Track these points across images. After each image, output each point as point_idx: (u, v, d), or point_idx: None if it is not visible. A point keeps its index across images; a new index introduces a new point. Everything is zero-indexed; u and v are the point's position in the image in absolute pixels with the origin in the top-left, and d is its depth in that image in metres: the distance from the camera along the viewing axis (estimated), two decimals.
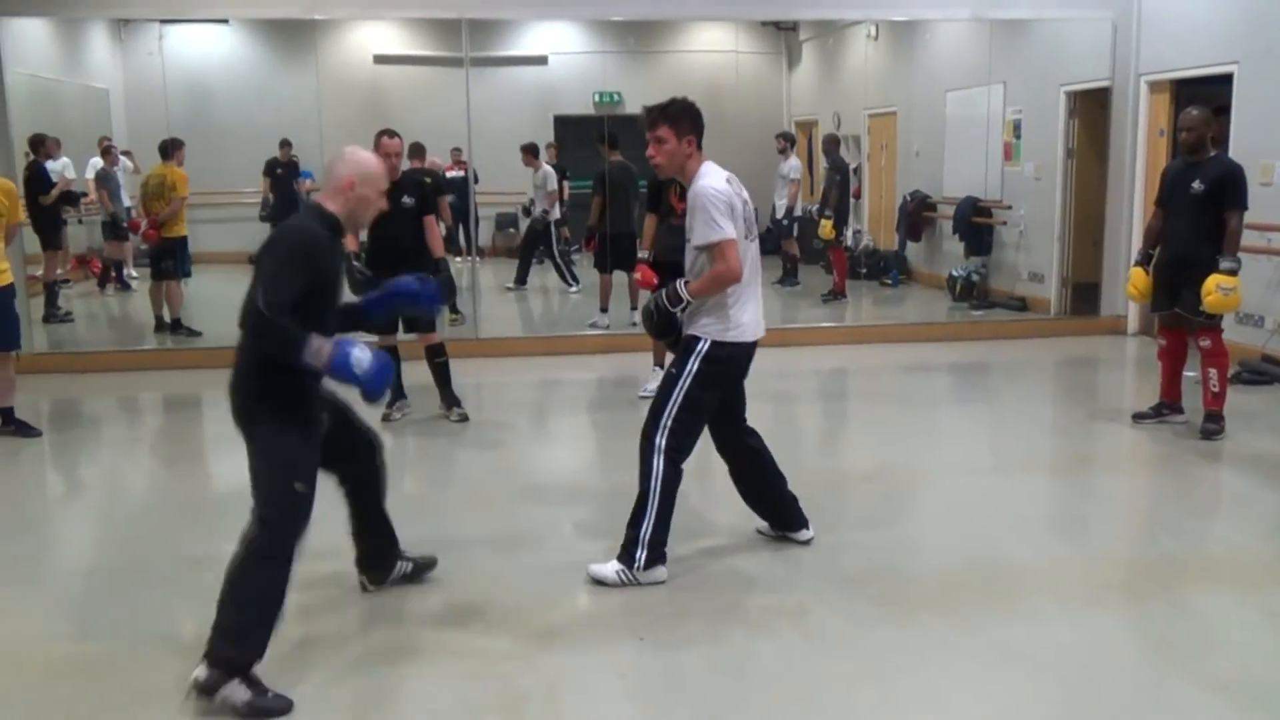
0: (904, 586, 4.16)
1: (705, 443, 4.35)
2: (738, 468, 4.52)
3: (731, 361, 4.18)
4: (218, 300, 11.17)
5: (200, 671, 3.26)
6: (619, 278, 9.66)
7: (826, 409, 7.90)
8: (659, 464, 4.14)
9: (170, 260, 9.30)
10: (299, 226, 3.49)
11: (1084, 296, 10.25)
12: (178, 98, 10.78)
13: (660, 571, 4.16)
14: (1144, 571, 4.31)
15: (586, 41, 14.68)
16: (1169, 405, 6.39)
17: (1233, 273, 5.81)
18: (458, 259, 11.10)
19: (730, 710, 3.27)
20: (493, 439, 6.54)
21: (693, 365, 4.11)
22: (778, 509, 4.56)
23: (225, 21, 12.02)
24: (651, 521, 4.14)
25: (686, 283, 4.14)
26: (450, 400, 6.79)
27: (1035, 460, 6.02)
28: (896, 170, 12.84)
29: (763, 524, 4.63)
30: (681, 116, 4.14)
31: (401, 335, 6.72)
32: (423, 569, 4.27)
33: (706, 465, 4.67)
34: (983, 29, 10.80)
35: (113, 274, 11.73)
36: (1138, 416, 6.53)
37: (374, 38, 13.44)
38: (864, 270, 12.65)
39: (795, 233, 12.36)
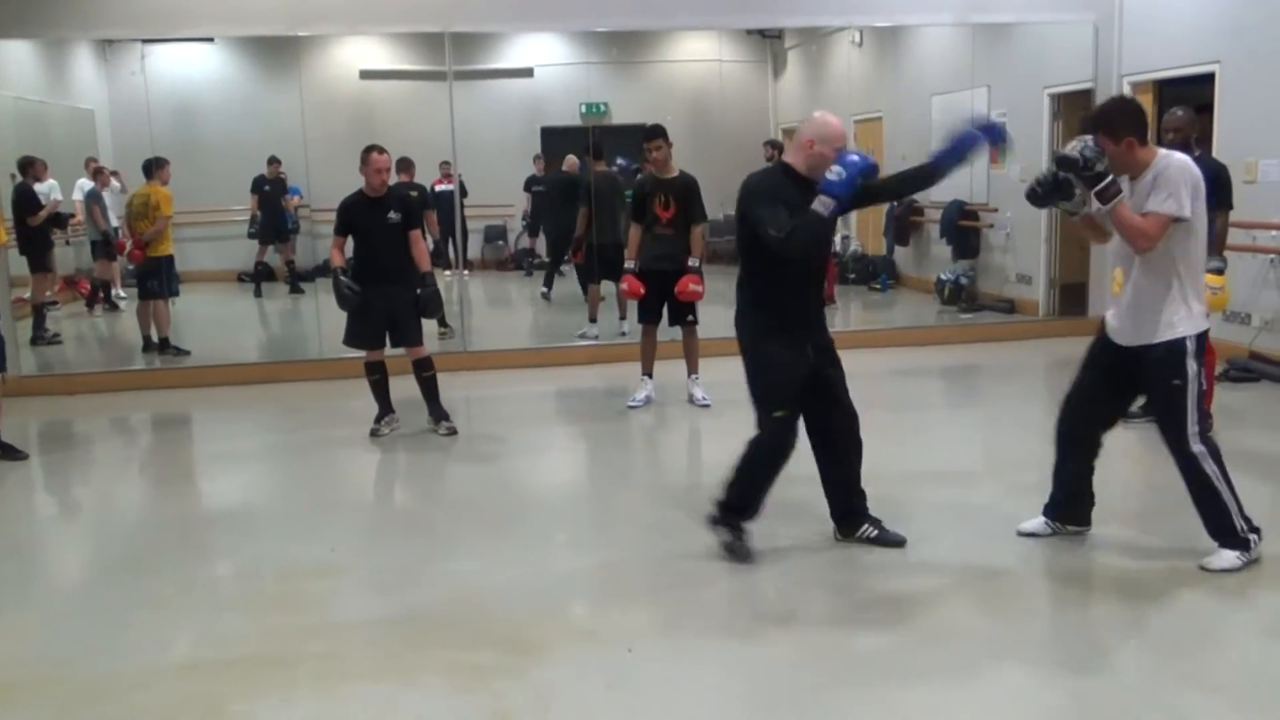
0: (896, 591, 4.15)
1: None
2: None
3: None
4: (206, 319, 11.23)
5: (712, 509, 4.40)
6: (607, 288, 9.67)
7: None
8: (1207, 464, 4.08)
9: (156, 280, 9.28)
10: (759, 178, 4.32)
11: (1072, 297, 10.27)
12: (163, 117, 10.77)
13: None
14: (1136, 570, 4.31)
15: (571, 53, 14.68)
16: None
17: (1219, 272, 5.82)
18: (446, 273, 11.09)
19: (721, 719, 3.27)
20: (482, 452, 6.53)
21: (1193, 367, 4.04)
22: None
23: (210, 40, 12.02)
24: (1231, 502, 4.10)
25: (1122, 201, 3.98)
26: (439, 414, 6.77)
27: (1026, 463, 6.01)
28: (883, 176, 12.84)
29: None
30: (1113, 119, 4.03)
31: (389, 350, 6.71)
32: (889, 541, 4.47)
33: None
34: (966, 33, 10.82)
35: (101, 294, 11.71)
36: (1126, 416, 6.52)
37: (359, 53, 13.45)
38: (852, 275, 12.67)
39: None
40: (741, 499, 4.41)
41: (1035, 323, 10.19)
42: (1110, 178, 3.96)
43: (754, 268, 4.35)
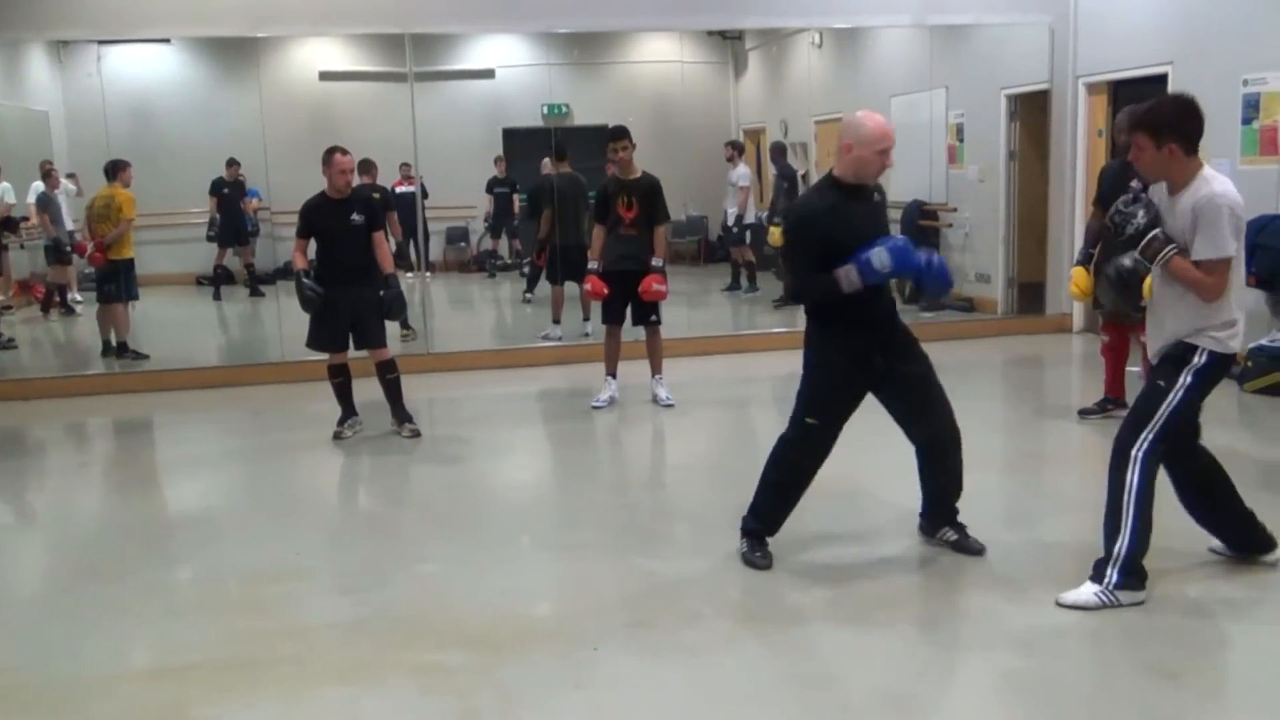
0: (862, 587, 4.19)
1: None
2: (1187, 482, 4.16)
3: (1220, 375, 3.86)
4: (165, 323, 11.12)
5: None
6: (570, 289, 9.67)
7: (782, 414, 7.90)
8: (1132, 475, 3.81)
9: (114, 283, 9.17)
10: (795, 207, 4.37)
11: (1030, 296, 10.40)
12: (119, 118, 10.66)
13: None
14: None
15: (533, 54, 14.67)
16: (1113, 400, 6.49)
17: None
18: (408, 274, 11.04)
19: (687, 717, 3.28)
20: (446, 454, 6.52)
21: (1187, 380, 3.78)
22: (1240, 529, 4.18)
23: (167, 41, 11.91)
24: (1129, 535, 3.81)
25: (1174, 254, 3.72)
26: (402, 416, 6.75)
27: (987, 459, 6.08)
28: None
29: (1217, 544, 4.26)
30: (1159, 120, 3.78)
31: (352, 352, 6.68)
32: (967, 549, 4.37)
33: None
34: (924, 35, 10.92)
35: (56, 298, 11.56)
36: (1084, 412, 6.64)
37: (318, 54, 13.38)
38: None
39: (747, 239, 12.42)
40: (762, 505, 4.38)
41: (994, 321, 10.31)
42: (1152, 234, 3.76)
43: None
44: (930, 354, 4.40)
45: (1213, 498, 4.10)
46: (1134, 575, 3.81)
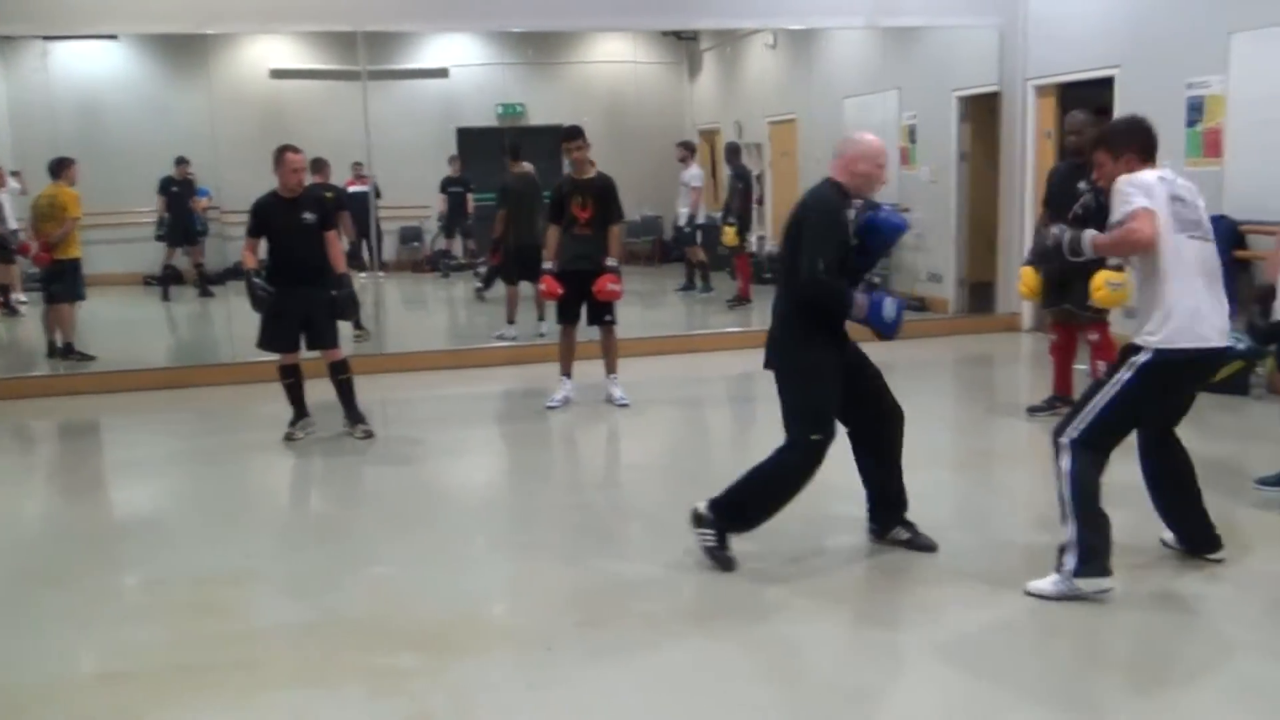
0: (815, 584, 4.22)
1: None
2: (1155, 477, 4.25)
3: (1172, 373, 3.87)
4: (112, 323, 10.93)
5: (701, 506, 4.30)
6: (525, 289, 9.65)
7: (736, 413, 7.98)
8: (1062, 463, 3.89)
9: (60, 284, 9.01)
10: (823, 196, 4.22)
11: (980, 295, 10.53)
12: (66, 116, 10.50)
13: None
14: (1044, 561, 4.42)
15: (487, 53, 14.63)
16: (1061, 398, 6.58)
17: (1120, 269, 6.01)
18: (361, 274, 10.96)
19: (640, 715, 3.29)
20: (399, 455, 6.48)
21: (1125, 375, 3.85)
22: (1191, 526, 4.27)
23: (114, 37, 11.73)
24: (1075, 525, 3.86)
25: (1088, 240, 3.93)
26: (355, 417, 6.70)
27: (938, 457, 6.15)
28: (798, 177, 13.02)
29: (1169, 536, 4.34)
30: (1117, 137, 4.04)
31: (304, 353, 6.63)
32: (919, 546, 4.43)
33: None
34: (876, 36, 11.02)
35: (0, 298, 11.34)
36: (1032, 410, 6.73)
37: (270, 52, 13.23)
38: (768, 275, 12.78)
39: (699, 240, 12.46)
40: (747, 510, 4.29)
41: (945, 320, 10.43)
42: (1067, 236, 4.00)
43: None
44: (881, 353, 4.46)
45: (1182, 493, 4.20)
46: (1092, 562, 3.83)
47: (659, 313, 12.25)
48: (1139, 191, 3.80)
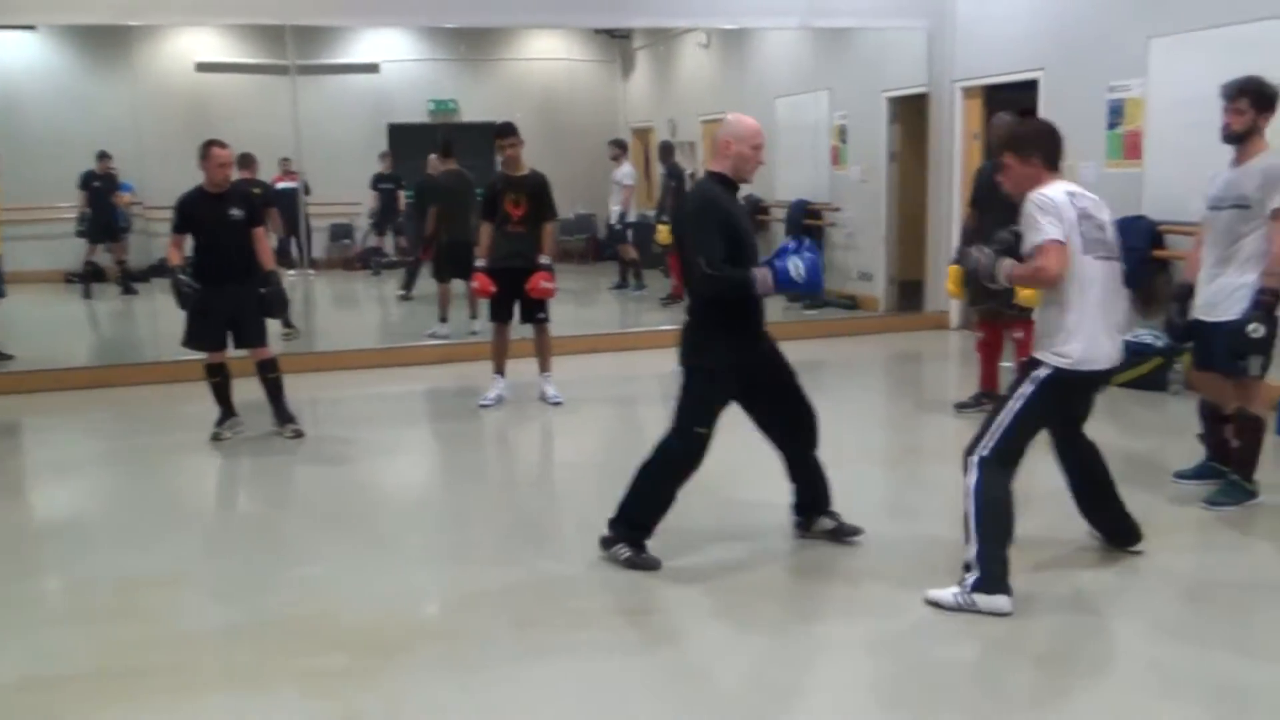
0: (743, 581, 4.25)
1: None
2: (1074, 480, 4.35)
3: (1070, 389, 3.98)
4: (32, 322, 10.66)
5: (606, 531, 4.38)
6: (457, 286, 9.60)
7: (669, 411, 7.99)
8: (969, 479, 3.93)
9: None
10: (698, 192, 4.29)
11: (910, 294, 10.69)
12: None
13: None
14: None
15: (419, 49, 14.52)
16: (988, 394, 6.70)
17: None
18: (290, 271, 10.82)
19: (574, 714, 3.29)
20: (329, 454, 6.40)
21: (1027, 389, 3.93)
22: (1111, 524, 4.37)
23: (32, 28, 11.43)
24: (976, 540, 3.87)
25: (1010, 268, 3.96)
26: (284, 417, 6.62)
27: (868, 452, 6.25)
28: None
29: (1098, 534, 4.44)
30: (1023, 140, 4.07)
31: (231, 351, 6.52)
32: (845, 534, 4.52)
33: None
34: (808, 37, 11.13)
35: None
36: (960, 406, 6.85)
37: (195, 44, 12.99)
38: None
39: (630, 238, 12.49)
40: (641, 512, 4.33)
41: (875, 318, 10.57)
42: (994, 261, 4.02)
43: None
44: (814, 350, 4.52)
45: (1096, 488, 4.31)
46: (991, 581, 3.85)
47: (592, 311, 12.25)
48: (1050, 218, 3.82)
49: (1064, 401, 4.06)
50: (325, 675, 3.53)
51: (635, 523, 4.35)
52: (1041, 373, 3.93)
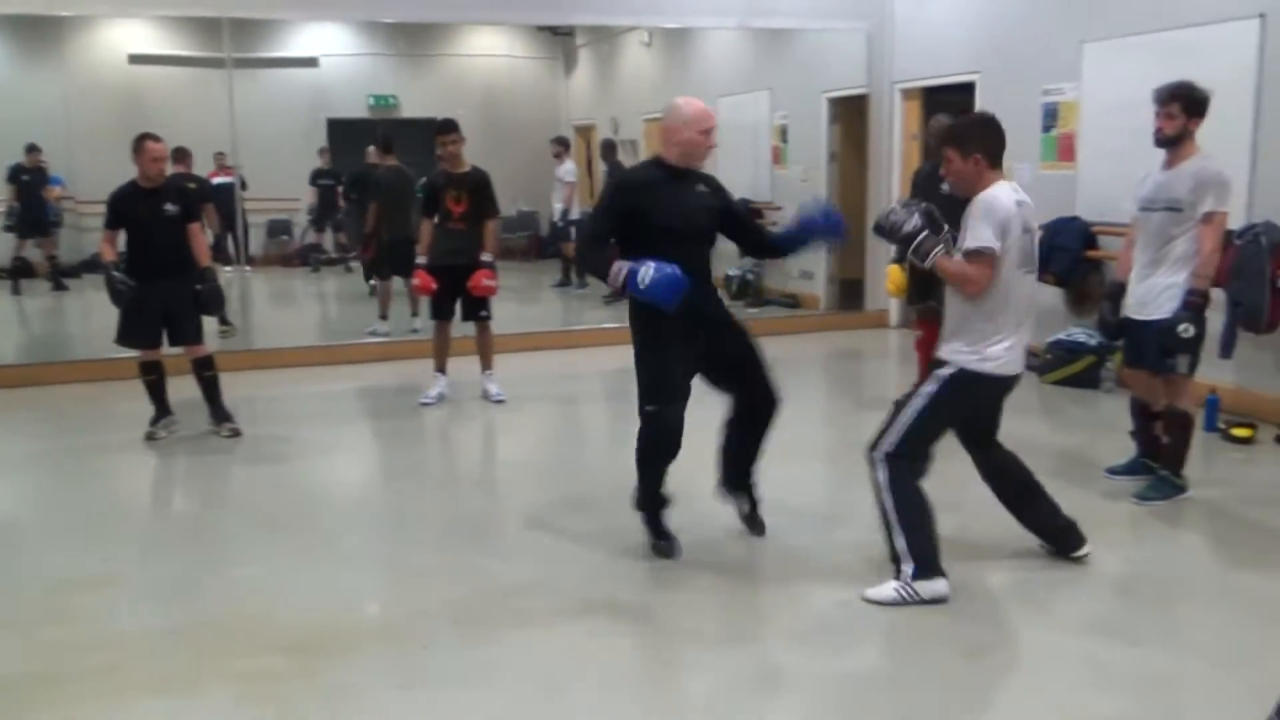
0: (688, 579, 4.26)
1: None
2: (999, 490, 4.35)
3: (978, 391, 4.00)
4: None
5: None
6: (398, 284, 9.52)
7: (611, 409, 7.99)
8: (877, 475, 3.96)
9: None
10: (618, 172, 4.00)
11: (850, 293, 10.80)
12: None
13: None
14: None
15: (359, 44, 14.38)
16: None
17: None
18: (227, 268, 10.66)
19: (516, 713, 3.28)
20: (267, 453, 6.32)
21: (932, 388, 3.94)
22: (1048, 522, 4.34)
23: None
24: (901, 534, 3.91)
25: (940, 254, 3.90)
26: (221, 415, 6.52)
27: (809, 449, 6.29)
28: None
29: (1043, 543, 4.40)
30: (965, 135, 3.99)
31: (166, 349, 6.41)
32: (753, 526, 4.63)
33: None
34: (749, 37, 11.20)
35: None
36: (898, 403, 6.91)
37: (129, 36, 12.73)
38: None
39: (573, 235, 12.47)
40: (642, 500, 4.45)
41: (816, 317, 10.66)
42: (921, 235, 3.94)
43: (638, 254, 4.07)
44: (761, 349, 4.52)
45: (1019, 495, 4.32)
46: (928, 568, 3.91)
47: (535, 308, 12.22)
48: (994, 229, 3.79)
49: (974, 403, 4.09)
50: (262, 677, 3.48)
51: (639, 502, 4.46)
52: (946, 371, 3.94)
